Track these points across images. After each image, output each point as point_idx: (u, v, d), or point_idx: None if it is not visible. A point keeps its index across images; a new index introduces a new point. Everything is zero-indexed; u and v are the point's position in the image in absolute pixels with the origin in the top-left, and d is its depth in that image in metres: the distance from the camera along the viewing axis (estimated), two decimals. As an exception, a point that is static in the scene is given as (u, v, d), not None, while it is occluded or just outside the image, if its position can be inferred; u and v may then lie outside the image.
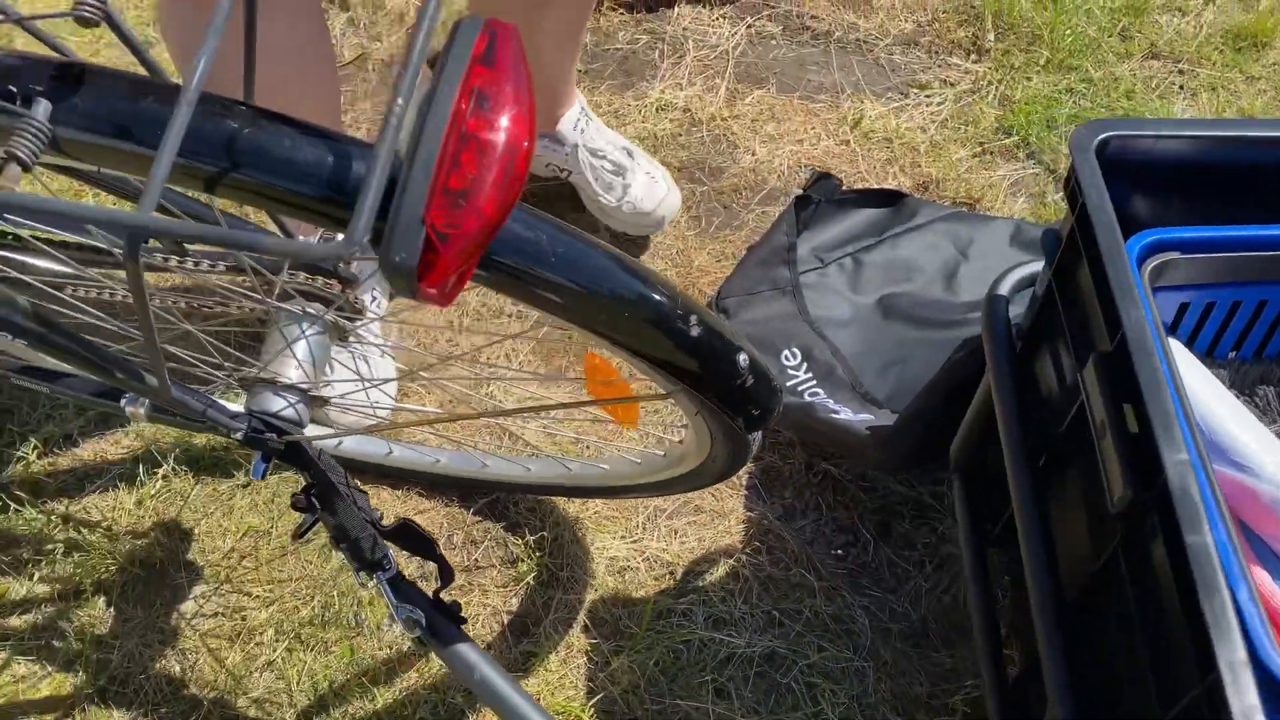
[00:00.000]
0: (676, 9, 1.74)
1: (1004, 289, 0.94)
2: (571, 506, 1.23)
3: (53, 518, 1.20)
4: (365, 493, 0.92)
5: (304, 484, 0.89)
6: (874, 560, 1.21)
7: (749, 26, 1.74)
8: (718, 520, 1.23)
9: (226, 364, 0.89)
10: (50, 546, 1.18)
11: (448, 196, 0.48)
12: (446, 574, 0.90)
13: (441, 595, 0.90)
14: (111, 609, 1.15)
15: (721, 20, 1.74)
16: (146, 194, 0.47)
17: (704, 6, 1.75)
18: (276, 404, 0.88)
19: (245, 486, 1.24)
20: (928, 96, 1.65)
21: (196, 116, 0.49)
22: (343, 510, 0.87)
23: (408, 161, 0.48)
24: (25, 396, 1.29)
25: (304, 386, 0.90)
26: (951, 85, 1.67)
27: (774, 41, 1.73)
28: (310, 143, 0.52)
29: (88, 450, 1.26)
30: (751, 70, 1.68)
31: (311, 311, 0.89)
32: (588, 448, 1.28)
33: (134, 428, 1.27)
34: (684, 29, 1.72)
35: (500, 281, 0.59)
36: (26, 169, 0.48)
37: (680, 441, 0.95)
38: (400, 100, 0.47)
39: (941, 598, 1.18)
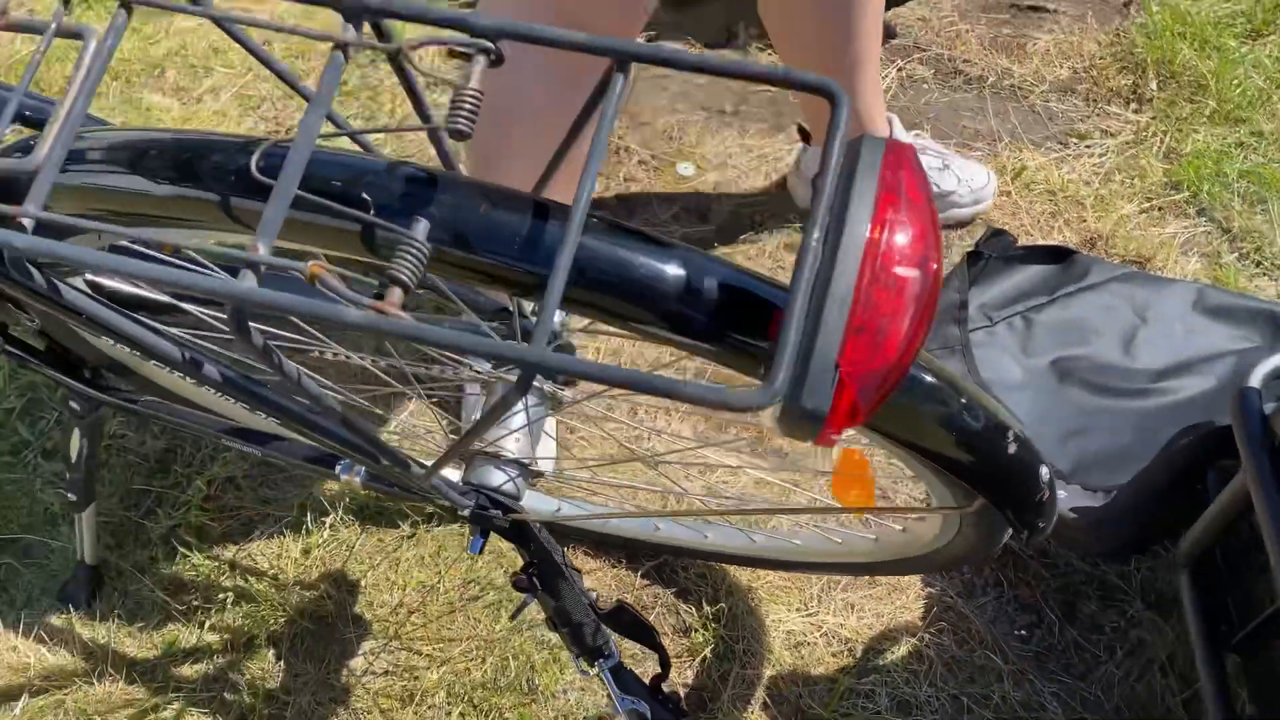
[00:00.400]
0: (826, 49, 1.70)
1: (1255, 381, 0.89)
2: (743, 575, 1.19)
3: (220, 564, 1.19)
4: (580, 571, 0.89)
5: (523, 563, 0.86)
6: (1060, 643, 1.16)
7: (900, 69, 1.70)
8: (895, 595, 1.18)
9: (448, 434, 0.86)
10: (220, 595, 1.16)
11: (858, 335, 0.44)
12: (665, 663, 0.87)
13: (662, 685, 0.87)
14: (281, 662, 1.13)
15: (872, 62, 1.70)
16: (539, 326, 0.44)
17: (853, 47, 1.71)
18: (497, 478, 0.85)
19: (410, 538, 1.21)
20: (1088, 147, 1.60)
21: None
22: (565, 592, 0.84)
23: (819, 299, 0.44)
24: (188, 436, 1.28)
25: (525, 460, 0.87)
26: (1112, 136, 1.61)
27: (926, 85, 1.68)
28: (693, 269, 0.48)
29: (252, 495, 1.25)
30: (904, 115, 1.64)
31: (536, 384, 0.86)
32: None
33: (298, 474, 1.25)
34: (833, 70, 1.68)
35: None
36: (408, 292, 0.45)
37: (904, 530, 0.91)
38: (817, 234, 0.43)
39: (1134, 686, 1.12)
